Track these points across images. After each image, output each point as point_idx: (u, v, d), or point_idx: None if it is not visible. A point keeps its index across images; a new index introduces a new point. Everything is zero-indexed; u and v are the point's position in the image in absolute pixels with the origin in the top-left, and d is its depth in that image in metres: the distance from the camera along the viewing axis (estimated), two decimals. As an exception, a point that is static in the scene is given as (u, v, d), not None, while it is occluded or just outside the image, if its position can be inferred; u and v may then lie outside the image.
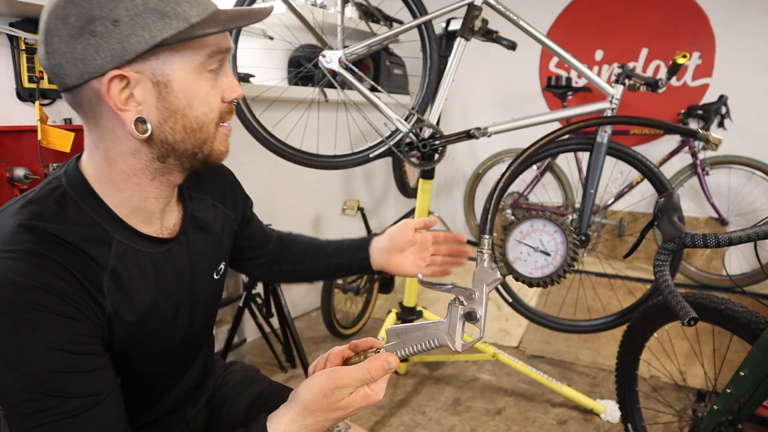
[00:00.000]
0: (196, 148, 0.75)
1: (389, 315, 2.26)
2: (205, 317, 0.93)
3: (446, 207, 3.75)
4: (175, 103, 0.71)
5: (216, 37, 0.72)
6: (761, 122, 2.77)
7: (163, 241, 0.81)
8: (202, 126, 0.74)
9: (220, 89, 0.75)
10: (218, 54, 0.73)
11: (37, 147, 1.61)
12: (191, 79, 0.71)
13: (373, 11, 2.70)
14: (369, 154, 1.84)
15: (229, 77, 0.77)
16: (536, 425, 2.02)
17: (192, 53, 0.70)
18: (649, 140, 3.02)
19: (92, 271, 0.70)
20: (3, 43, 1.65)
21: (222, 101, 0.76)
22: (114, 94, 0.68)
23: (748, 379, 1.21)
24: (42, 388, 0.63)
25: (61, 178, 0.74)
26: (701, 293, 1.41)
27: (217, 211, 0.94)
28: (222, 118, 0.77)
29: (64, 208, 0.71)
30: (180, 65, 0.70)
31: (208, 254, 0.90)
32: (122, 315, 0.74)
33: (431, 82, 1.84)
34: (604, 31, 3.10)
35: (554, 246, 0.64)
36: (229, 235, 0.98)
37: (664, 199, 1.17)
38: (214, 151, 0.77)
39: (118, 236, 0.74)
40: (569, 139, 1.90)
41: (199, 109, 0.73)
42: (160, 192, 0.78)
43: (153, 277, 0.79)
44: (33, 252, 0.65)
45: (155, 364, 0.84)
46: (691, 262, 2.87)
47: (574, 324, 2.07)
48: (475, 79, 3.39)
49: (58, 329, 0.64)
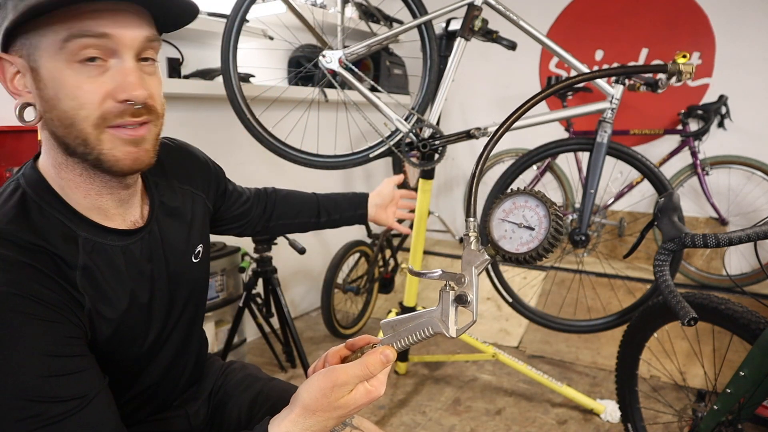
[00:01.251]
0: (80, 148, 0.69)
1: (389, 315, 2.25)
2: (188, 304, 0.91)
3: (446, 207, 3.75)
4: (46, 93, 0.67)
5: (76, 21, 0.64)
6: (761, 122, 2.77)
7: (131, 232, 0.79)
8: (73, 123, 0.67)
9: (104, 86, 0.67)
10: (82, 38, 0.64)
11: (38, 147, 1.61)
12: (55, 67, 0.65)
13: (373, 11, 2.70)
14: (369, 154, 1.84)
15: (124, 74, 0.67)
16: (536, 425, 2.02)
17: (53, 38, 0.65)
18: (649, 140, 3.02)
19: (63, 270, 0.69)
20: (3, 43, 1.65)
21: (112, 99, 0.67)
22: (5, 77, 0.69)
23: (748, 379, 1.21)
24: (28, 395, 0.62)
25: (20, 180, 0.73)
26: (701, 293, 1.41)
27: (185, 193, 0.92)
28: (106, 117, 0.68)
29: (26, 211, 0.69)
30: (46, 51, 0.65)
31: (182, 239, 0.89)
32: (102, 312, 0.73)
33: (431, 82, 1.84)
34: (604, 31, 3.10)
35: (537, 220, 0.64)
36: (203, 215, 0.96)
37: (664, 199, 1.17)
38: (105, 156, 0.69)
39: (83, 233, 0.73)
40: (569, 139, 1.90)
41: (66, 102, 0.66)
42: (100, 188, 0.74)
43: (126, 269, 0.78)
44: (3, 260, 0.64)
45: (142, 358, 0.83)
46: (691, 262, 2.87)
47: (574, 324, 2.07)
48: (475, 79, 3.39)
49: (40, 335, 0.63)
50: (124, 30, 0.67)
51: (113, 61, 0.68)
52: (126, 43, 0.67)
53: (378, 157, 1.85)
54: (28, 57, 0.67)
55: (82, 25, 0.64)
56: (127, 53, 0.68)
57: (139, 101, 0.68)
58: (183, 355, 0.94)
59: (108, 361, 0.75)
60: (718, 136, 2.78)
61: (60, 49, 0.65)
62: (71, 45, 0.64)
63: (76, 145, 0.69)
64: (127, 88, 0.67)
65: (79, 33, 0.64)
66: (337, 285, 2.71)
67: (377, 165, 3.47)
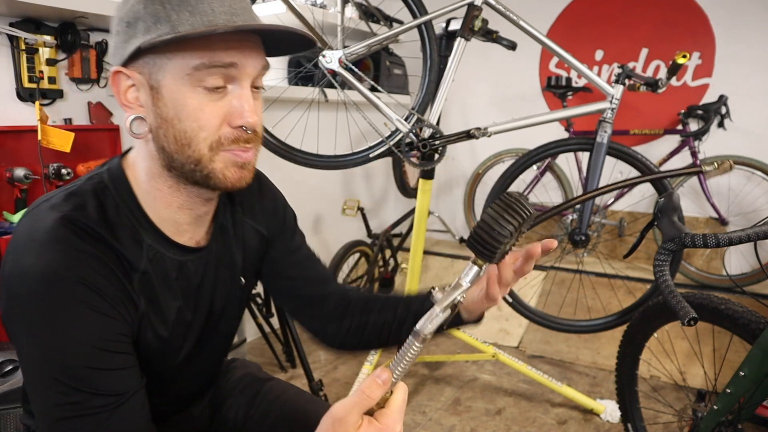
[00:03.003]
0: (191, 165, 0.71)
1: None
2: (223, 329, 0.92)
3: (446, 207, 3.75)
4: (164, 111, 0.69)
5: (207, 51, 0.67)
6: (761, 122, 2.76)
7: (192, 249, 0.81)
8: (191, 142, 0.70)
9: (222, 109, 0.70)
10: (212, 68, 0.67)
11: (37, 147, 1.61)
12: (179, 89, 0.68)
13: (373, 11, 2.70)
14: (369, 154, 1.84)
15: (242, 100, 0.70)
16: (536, 425, 2.02)
17: (182, 63, 0.67)
18: (649, 140, 3.02)
19: (126, 269, 0.71)
20: (3, 43, 1.65)
21: (227, 125, 0.70)
22: (119, 90, 0.71)
23: (748, 379, 1.21)
24: (72, 382, 0.64)
25: (104, 174, 0.75)
26: (701, 293, 1.41)
27: (246, 224, 0.91)
28: (222, 142, 0.71)
29: (103, 205, 0.72)
30: (171, 73, 0.68)
31: (233, 267, 0.89)
32: (152, 319, 0.75)
33: (431, 82, 1.84)
34: (604, 31, 3.10)
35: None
36: (257, 251, 0.94)
37: (664, 199, 1.17)
38: (215, 174, 0.72)
39: (149, 240, 0.75)
40: (569, 139, 1.90)
41: (187, 123, 0.69)
42: (183, 202, 0.76)
43: (178, 284, 0.79)
44: (75, 246, 0.66)
45: (169, 369, 0.84)
46: (691, 262, 2.87)
47: (574, 324, 2.07)
48: (475, 79, 3.39)
49: (93, 325, 0.66)
50: (247, 60, 0.70)
51: (231, 86, 0.70)
52: (248, 72, 0.70)
53: (378, 157, 1.85)
54: (149, 75, 0.69)
55: (213, 55, 0.67)
56: (246, 81, 0.71)
57: (252, 128, 0.72)
58: (206, 368, 0.95)
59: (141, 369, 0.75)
60: (718, 136, 2.78)
61: (187, 75, 0.67)
62: (200, 73, 0.67)
63: (186, 162, 0.71)
64: (244, 115, 0.70)
65: (211, 63, 0.67)
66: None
67: (377, 165, 3.46)
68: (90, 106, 1.87)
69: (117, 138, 1.92)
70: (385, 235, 2.90)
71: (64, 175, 1.72)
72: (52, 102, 1.78)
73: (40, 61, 1.71)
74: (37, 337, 0.64)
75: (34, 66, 1.69)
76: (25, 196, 1.68)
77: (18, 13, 1.64)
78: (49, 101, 1.77)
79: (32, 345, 0.65)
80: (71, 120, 1.83)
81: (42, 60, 1.72)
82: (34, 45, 1.67)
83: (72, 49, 1.77)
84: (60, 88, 1.78)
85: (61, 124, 1.79)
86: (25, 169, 1.65)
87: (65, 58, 1.79)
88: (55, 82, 1.76)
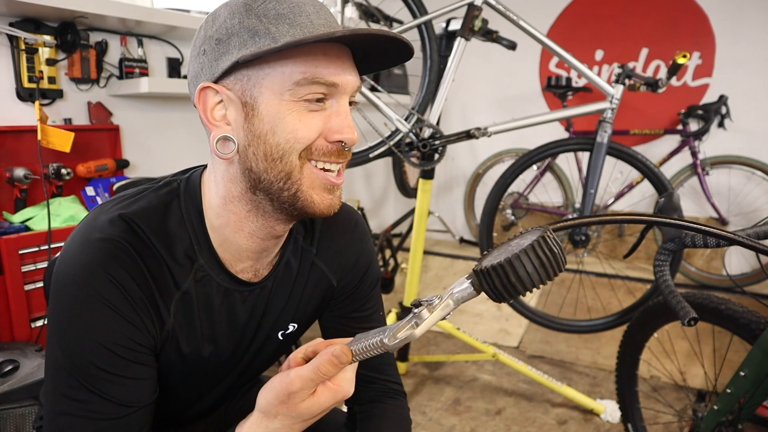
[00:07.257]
0: (281, 182, 0.68)
1: (389, 315, 2.26)
2: (252, 369, 0.88)
3: (446, 207, 3.75)
4: (259, 127, 0.67)
5: (311, 66, 0.65)
6: (761, 122, 2.77)
7: (244, 282, 0.77)
8: (283, 155, 0.67)
9: (320, 123, 0.68)
10: (312, 84, 0.65)
11: (37, 147, 1.61)
12: (279, 103, 0.66)
13: (373, 11, 2.70)
14: (369, 154, 1.84)
15: (341, 117, 0.68)
16: (536, 425, 2.02)
17: (281, 78, 0.65)
18: (649, 140, 3.02)
19: (167, 285, 0.70)
20: (3, 43, 1.65)
21: (323, 138, 0.68)
22: (205, 107, 0.69)
23: (748, 379, 1.21)
24: (80, 377, 0.64)
25: (181, 184, 0.75)
26: (701, 293, 1.41)
27: (316, 269, 0.85)
28: (312, 153, 0.68)
29: (168, 213, 0.71)
30: (269, 88, 0.66)
31: (284, 310, 0.83)
32: (179, 341, 0.73)
33: (431, 82, 1.84)
34: (604, 31, 3.10)
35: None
36: (318, 298, 0.87)
37: (664, 199, 1.17)
38: (302, 194, 0.69)
39: (202, 260, 0.73)
40: (569, 139, 1.90)
41: (282, 135, 0.66)
42: (255, 230, 0.73)
43: (219, 313, 0.76)
44: (118, 244, 0.66)
45: (186, 392, 0.82)
46: (691, 262, 2.87)
47: (574, 324, 2.07)
48: (475, 79, 3.39)
49: (112, 327, 0.65)
50: (346, 76, 0.68)
51: (330, 101, 0.69)
52: (347, 89, 0.69)
53: (378, 157, 1.85)
54: (241, 91, 0.67)
55: (315, 70, 0.65)
56: (344, 97, 0.69)
57: (350, 144, 0.70)
58: (222, 402, 0.92)
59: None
60: (718, 136, 2.78)
61: (288, 90, 0.65)
62: (302, 89, 0.65)
63: (276, 180, 0.68)
64: (342, 130, 0.68)
65: (313, 79, 0.65)
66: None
67: (377, 165, 3.46)
68: (90, 106, 1.87)
69: (117, 138, 1.92)
70: (385, 235, 2.90)
71: (63, 175, 1.72)
72: (51, 102, 1.78)
73: (39, 61, 1.71)
74: (57, 324, 0.66)
75: (33, 66, 1.69)
76: (25, 196, 1.68)
77: (18, 13, 1.64)
78: (49, 101, 1.77)
79: (53, 332, 0.66)
80: (71, 120, 1.83)
81: (42, 60, 1.72)
82: (34, 45, 1.67)
83: (72, 49, 1.77)
84: (60, 88, 1.78)
85: (60, 124, 1.79)
86: (25, 169, 1.65)
87: (65, 58, 1.79)
88: (55, 82, 1.76)
